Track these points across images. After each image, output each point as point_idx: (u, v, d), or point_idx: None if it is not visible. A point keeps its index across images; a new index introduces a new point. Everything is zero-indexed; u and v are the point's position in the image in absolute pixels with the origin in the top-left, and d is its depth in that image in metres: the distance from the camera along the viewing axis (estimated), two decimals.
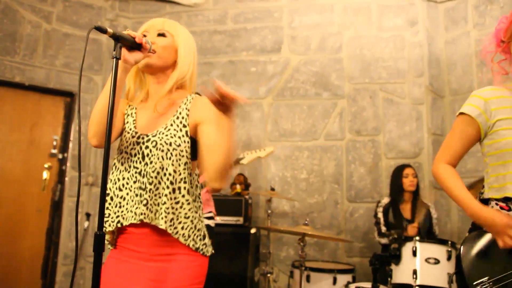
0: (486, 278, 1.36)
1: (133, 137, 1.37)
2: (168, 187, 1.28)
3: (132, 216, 1.28)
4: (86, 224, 4.04)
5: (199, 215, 1.36)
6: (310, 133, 3.97)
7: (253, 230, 3.37)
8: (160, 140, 1.31)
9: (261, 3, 4.32)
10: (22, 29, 3.89)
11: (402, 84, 3.92)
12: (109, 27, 1.18)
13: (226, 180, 1.30)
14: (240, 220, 3.45)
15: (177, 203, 1.30)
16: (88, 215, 4.08)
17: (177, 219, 1.29)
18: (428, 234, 3.12)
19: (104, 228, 1.32)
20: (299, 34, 4.19)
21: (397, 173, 3.30)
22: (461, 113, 1.49)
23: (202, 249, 1.33)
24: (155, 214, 1.27)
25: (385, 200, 3.28)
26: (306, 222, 2.45)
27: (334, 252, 3.73)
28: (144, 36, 1.35)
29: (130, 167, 1.34)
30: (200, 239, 1.34)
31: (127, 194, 1.33)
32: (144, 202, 1.26)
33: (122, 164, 1.36)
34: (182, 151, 1.31)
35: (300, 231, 2.40)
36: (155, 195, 1.28)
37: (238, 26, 4.31)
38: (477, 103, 1.45)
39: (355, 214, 3.77)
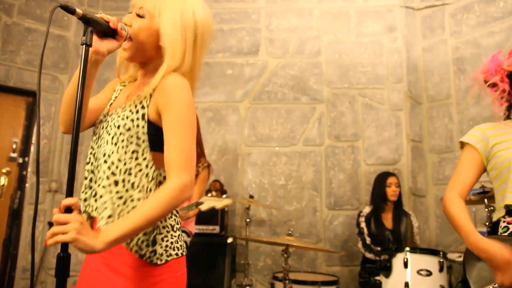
0: (491, 285, 1.31)
1: (103, 115, 1.23)
2: (108, 178, 1.10)
3: (81, 204, 1.15)
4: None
5: None
6: (288, 138, 3.85)
7: (229, 240, 3.20)
8: (111, 121, 1.15)
9: (238, 4, 4.19)
10: None
11: (381, 89, 3.88)
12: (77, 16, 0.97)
13: (190, 176, 1.08)
14: (216, 229, 3.27)
15: (119, 198, 1.09)
16: (50, 224, 3.78)
17: (118, 218, 1.08)
18: (410, 244, 3.05)
19: None
20: (277, 37, 4.08)
21: (380, 182, 3.22)
22: (463, 143, 1.59)
23: (150, 257, 1.10)
24: (96, 207, 1.12)
25: (367, 209, 3.19)
26: (290, 232, 2.31)
27: (313, 261, 3.61)
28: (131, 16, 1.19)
29: (91, 147, 1.21)
30: (147, 245, 1.09)
31: (85, 178, 1.19)
32: (93, 192, 1.12)
33: (90, 143, 1.24)
34: (131, 136, 1.11)
35: (283, 242, 2.25)
36: (98, 185, 1.12)
37: (214, 27, 4.15)
38: (474, 133, 1.57)
39: (335, 222, 3.67)
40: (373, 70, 3.92)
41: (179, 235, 1.19)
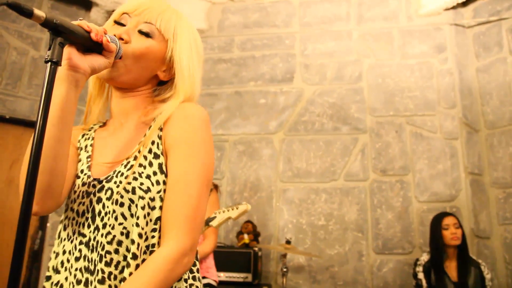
0: None
1: (83, 184, 0.86)
2: (128, 266, 0.76)
3: None
4: None
5: None
6: (328, 173, 3.46)
7: None
8: (118, 186, 0.80)
9: (270, 29, 3.94)
10: (5, 55, 3.50)
11: (432, 116, 3.45)
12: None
13: (192, 238, 0.78)
14: (248, 277, 2.88)
15: None
16: None
17: None
18: None
19: None
20: (313, 62, 3.77)
21: (435, 224, 2.74)
22: None
23: None
24: None
25: (425, 257, 2.70)
26: None
27: None
28: (123, 30, 0.90)
29: (74, 233, 0.83)
30: None
31: (66, 279, 0.82)
32: None
33: (65, 229, 0.86)
34: (152, 199, 0.79)
35: None
36: (120, 282, 0.76)
37: (245, 54, 3.91)
38: None
39: (384, 269, 3.19)
40: (422, 94, 3.51)
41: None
